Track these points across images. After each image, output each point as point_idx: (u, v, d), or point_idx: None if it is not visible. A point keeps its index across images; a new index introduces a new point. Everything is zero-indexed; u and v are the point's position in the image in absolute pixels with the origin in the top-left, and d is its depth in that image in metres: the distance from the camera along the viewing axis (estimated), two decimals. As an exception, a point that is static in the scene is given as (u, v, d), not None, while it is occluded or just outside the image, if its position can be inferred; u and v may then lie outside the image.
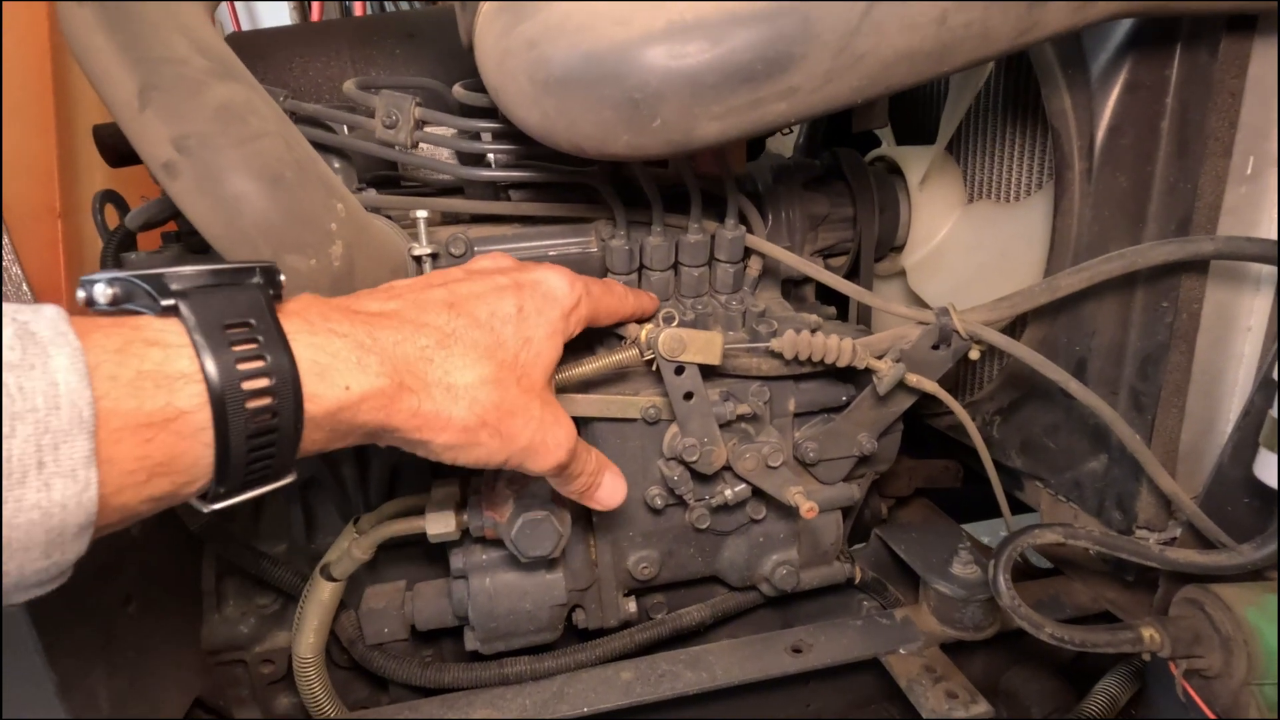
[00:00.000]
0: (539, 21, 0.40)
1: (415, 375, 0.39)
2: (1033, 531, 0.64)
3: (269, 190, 0.45)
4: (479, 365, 0.42)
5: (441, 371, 0.40)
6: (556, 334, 0.47)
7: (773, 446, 0.61)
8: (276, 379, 0.33)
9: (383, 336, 0.38)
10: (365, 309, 0.40)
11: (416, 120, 0.56)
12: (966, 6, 0.38)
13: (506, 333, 0.44)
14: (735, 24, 0.37)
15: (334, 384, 0.35)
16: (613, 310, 0.55)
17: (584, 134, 0.41)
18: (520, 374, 0.44)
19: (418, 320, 0.41)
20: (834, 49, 0.38)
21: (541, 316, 0.46)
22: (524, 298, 0.46)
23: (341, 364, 0.36)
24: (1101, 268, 0.56)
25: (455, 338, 0.42)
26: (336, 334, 0.37)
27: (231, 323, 0.32)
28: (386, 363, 0.38)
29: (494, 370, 0.42)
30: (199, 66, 0.44)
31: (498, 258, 0.52)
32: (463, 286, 0.45)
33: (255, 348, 0.32)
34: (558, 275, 0.49)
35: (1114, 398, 0.64)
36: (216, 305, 0.32)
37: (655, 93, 0.38)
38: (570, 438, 0.47)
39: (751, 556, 0.70)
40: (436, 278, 0.46)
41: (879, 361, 0.60)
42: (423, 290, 0.44)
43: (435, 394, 0.40)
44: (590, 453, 0.52)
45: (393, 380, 0.37)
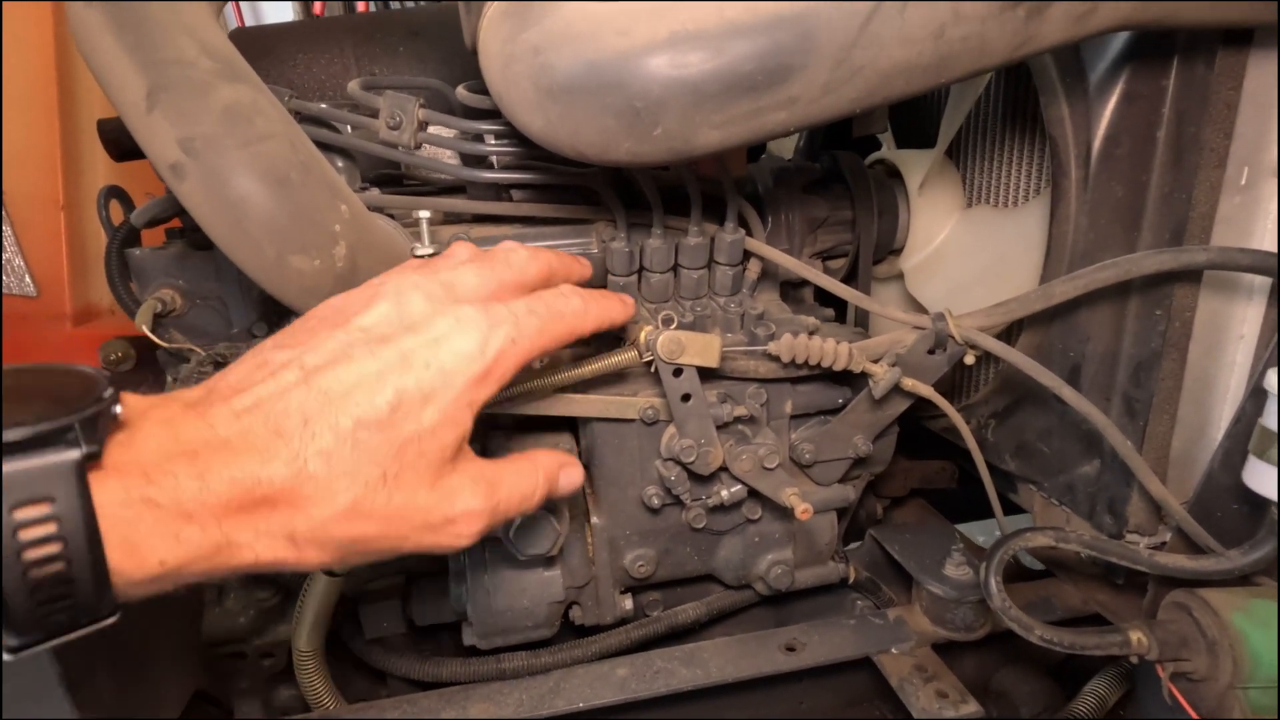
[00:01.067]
0: (543, 28, 0.40)
1: (248, 528, 0.35)
2: (1024, 535, 0.64)
3: (274, 192, 0.45)
4: (333, 499, 0.37)
5: (285, 516, 0.36)
6: (455, 414, 0.40)
7: (769, 448, 0.61)
8: (73, 566, 0.30)
9: (219, 477, 0.34)
10: (214, 430, 0.36)
11: (420, 121, 0.57)
12: (964, 19, 0.38)
13: (375, 443, 0.37)
14: (736, 35, 0.38)
15: (145, 560, 0.33)
16: (564, 337, 0.46)
17: (586, 140, 0.42)
18: (396, 488, 0.38)
19: (266, 445, 0.36)
20: (833, 61, 0.38)
21: (430, 405, 0.39)
22: (406, 382, 0.38)
23: (156, 540, 0.33)
24: (1096, 276, 0.57)
25: (305, 474, 0.36)
26: (154, 502, 0.33)
27: (24, 501, 0.30)
28: (212, 528, 0.34)
29: (352, 499, 0.37)
30: (206, 68, 0.45)
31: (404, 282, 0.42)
32: (332, 377, 0.38)
33: (50, 531, 0.30)
34: (464, 334, 0.40)
35: (1107, 404, 0.65)
36: (11, 483, 0.29)
37: (657, 101, 0.39)
38: (471, 525, 0.42)
39: (747, 556, 0.71)
40: (311, 354, 0.39)
41: (875, 365, 0.61)
42: (285, 391, 0.37)
43: (275, 544, 0.36)
44: (530, 474, 0.46)
45: (218, 543, 0.34)
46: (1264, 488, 0.52)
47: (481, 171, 0.59)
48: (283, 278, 0.48)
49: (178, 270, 0.67)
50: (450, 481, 0.41)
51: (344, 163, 0.62)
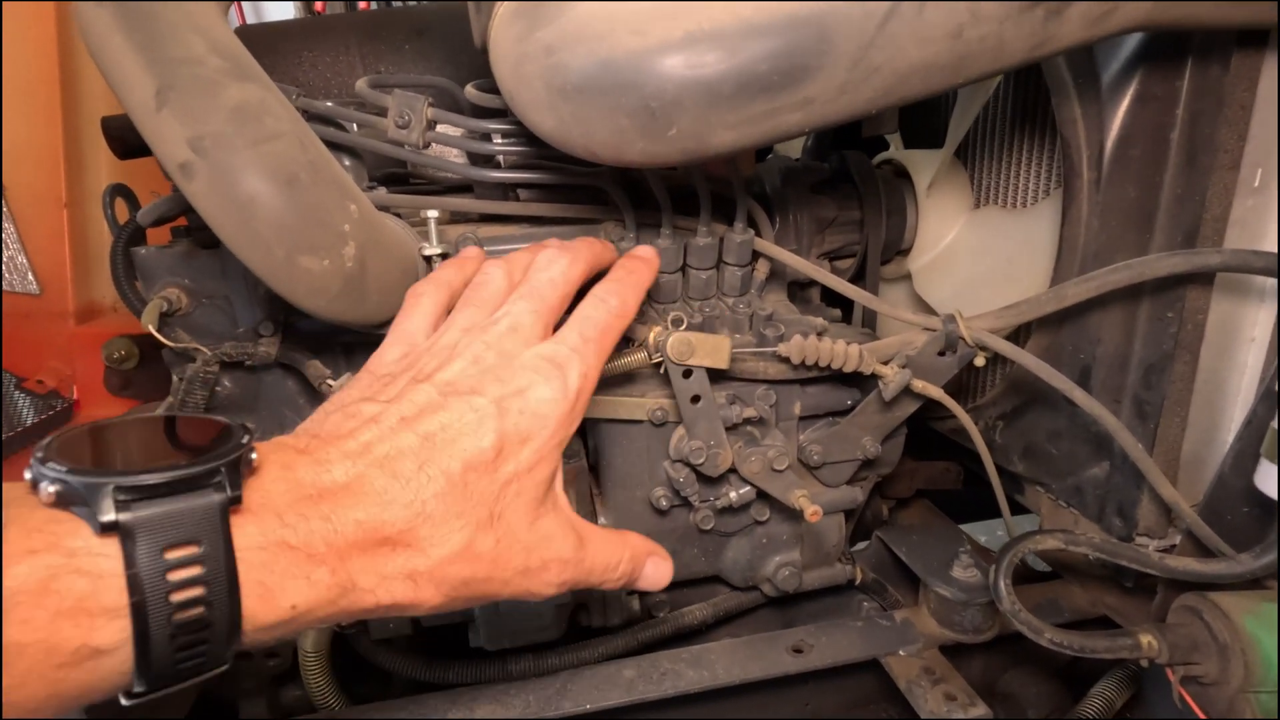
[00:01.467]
0: (557, 28, 0.40)
1: (371, 571, 0.37)
2: (1034, 537, 0.64)
3: (284, 191, 0.45)
4: (448, 539, 0.38)
5: (405, 558, 0.37)
6: (546, 460, 0.42)
7: (778, 450, 0.61)
8: (213, 608, 0.31)
9: (344, 519, 0.35)
10: (332, 478, 0.36)
11: (428, 120, 0.57)
12: (982, 19, 0.38)
13: (482, 486, 0.39)
14: (752, 35, 0.37)
15: (278, 605, 0.33)
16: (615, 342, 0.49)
17: (600, 141, 0.41)
18: (500, 529, 0.40)
19: (385, 495, 0.37)
20: (849, 62, 0.38)
21: (528, 446, 0.41)
22: (506, 427, 0.41)
23: (290, 582, 0.34)
24: (1109, 278, 0.56)
25: (422, 515, 0.37)
26: (288, 545, 0.34)
27: (175, 542, 0.30)
28: (341, 567, 0.35)
29: (465, 540, 0.39)
30: (215, 67, 0.44)
31: (475, 341, 0.44)
32: (435, 422, 0.40)
33: (198, 573, 0.30)
34: (548, 381, 0.42)
35: (1117, 406, 0.64)
36: (163, 524, 0.30)
37: (672, 101, 0.38)
38: (561, 575, 0.44)
39: (754, 557, 0.70)
40: (408, 404, 0.40)
41: (885, 367, 0.60)
42: (394, 433, 0.39)
43: (396, 586, 0.37)
44: (619, 551, 0.47)
45: (344, 585, 0.35)
46: (1275, 491, 0.52)
47: (489, 171, 0.58)
48: (291, 278, 0.47)
49: (183, 269, 0.66)
50: (544, 524, 0.43)
51: (351, 161, 0.62)
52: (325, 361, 0.65)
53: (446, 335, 0.45)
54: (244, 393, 0.71)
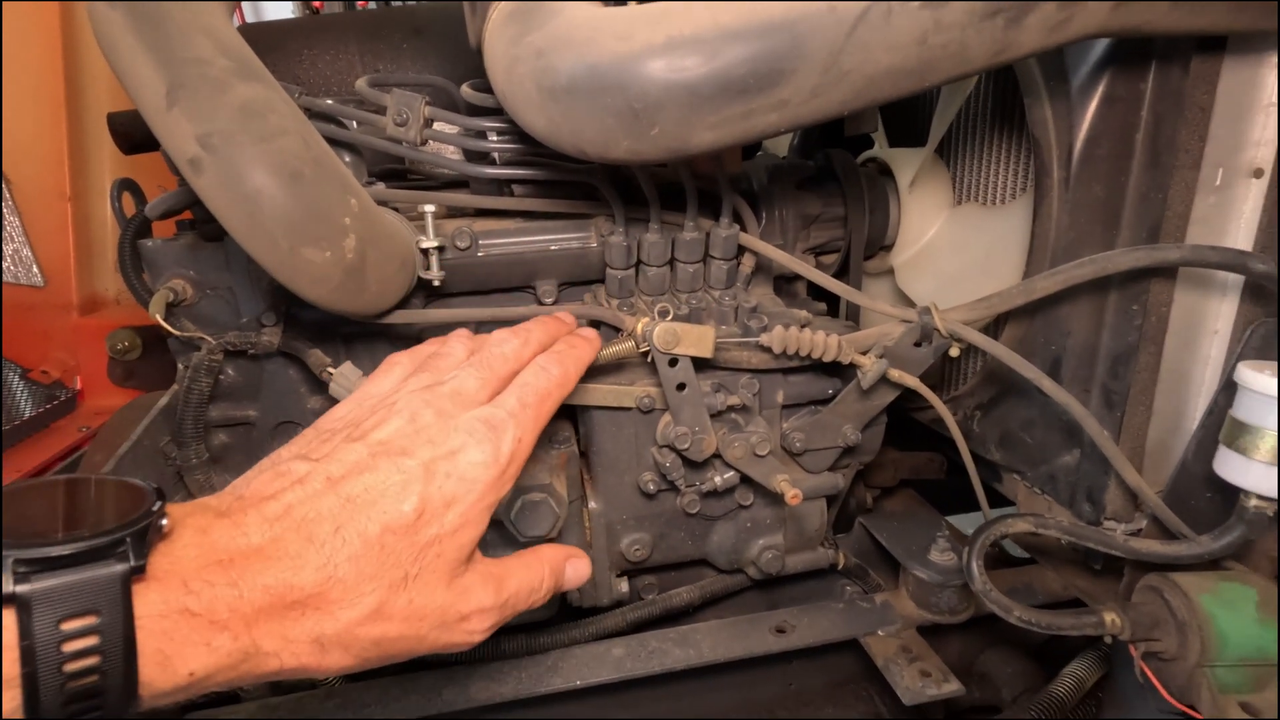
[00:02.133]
0: (547, 32, 0.43)
1: (276, 635, 0.37)
2: (1006, 521, 0.67)
3: (288, 186, 0.47)
4: (360, 601, 0.38)
5: (314, 621, 0.38)
6: (470, 524, 0.42)
7: (760, 436, 0.64)
8: (107, 678, 0.31)
9: (253, 584, 0.36)
10: (247, 539, 0.37)
11: (425, 118, 0.59)
12: (945, 27, 0.41)
13: (400, 547, 0.40)
14: (730, 40, 0.40)
15: (176, 672, 0.34)
16: (555, 408, 0.49)
17: (587, 139, 0.44)
18: (415, 588, 0.40)
19: (298, 552, 0.37)
20: (821, 66, 0.40)
21: (452, 510, 0.41)
22: (431, 489, 0.41)
23: (190, 649, 0.34)
24: (1074, 272, 0.59)
25: (334, 579, 0.38)
26: (190, 611, 0.34)
27: (72, 613, 0.31)
28: (243, 635, 0.36)
29: (378, 601, 0.39)
30: (222, 67, 0.47)
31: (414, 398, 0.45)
32: (359, 484, 0.40)
33: (93, 643, 0.31)
34: (479, 445, 0.43)
35: (1086, 395, 0.67)
36: (62, 596, 0.31)
37: (654, 103, 0.41)
38: (483, 622, 0.44)
39: (739, 541, 0.73)
40: (336, 464, 0.41)
41: (863, 357, 0.63)
42: (316, 496, 0.39)
43: (301, 650, 0.38)
44: (537, 572, 0.48)
45: (246, 651, 0.36)
46: (1233, 476, 0.55)
47: (484, 167, 0.61)
48: (295, 269, 0.50)
49: (189, 261, 0.68)
50: (464, 580, 0.43)
51: (351, 157, 0.64)
52: (326, 351, 0.68)
53: (395, 395, 0.46)
54: (247, 381, 0.73)
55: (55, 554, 0.31)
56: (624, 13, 0.42)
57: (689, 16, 0.40)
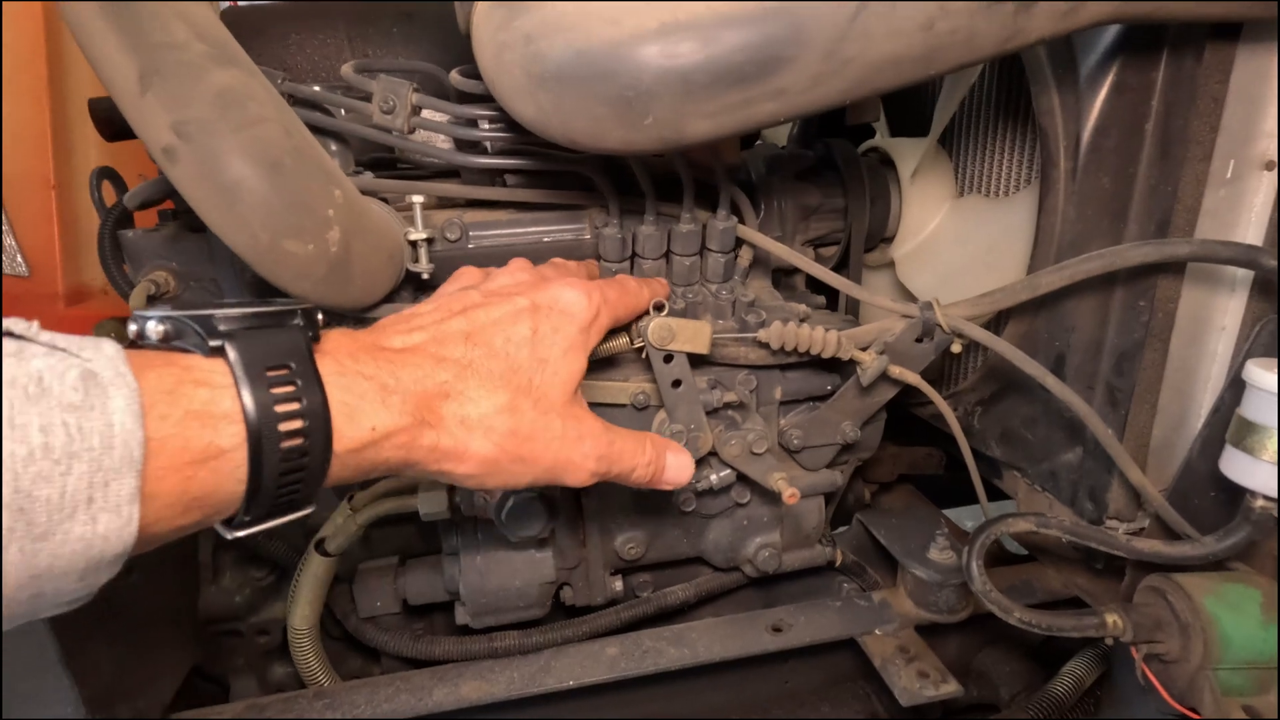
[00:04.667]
0: (535, 17, 0.41)
1: (434, 411, 0.41)
2: (1006, 520, 0.66)
3: (267, 176, 0.46)
4: (494, 395, 0.44)
5: (458, 405, 0.42)
6: (575, 349, 0.48)
7: (757, 434, 0.62)
8: (310, 420, 0.35)
9: (405, 375, 0.41)
10: (390, 345, 0.43)
11: (413, 106, 0.57)
12: (952, 13, 0.39)
13: (521, 357, 0.45)
14: (726, 26, 0.38)
15: (360, 424, 0.38)
16: (631, 309, 0.56)
17: (577, 128, 0.42)
18: (537, 396, 0.46)
19: (437, 355, 0.43)
20: (822, 53, 0.39)
21: (558, 335, 0.47)
22: (539, 319, 0.47)
23: (368, 405, 0.38)
24: (1081, 267, 0.57)
25: (472, 369, 0.43)
26: (364, 375, 0.39)
27: (272, 365, 0.34)
28: (409, 401, 0.40)
29: (509, 398, 0.44)
30: (198, 52, 0.45)
31: (516, 270, 0.54)
32: (480, 313, 0.46)
33: (293, 390, 0.34)
34: (574, 291, 0.50)
35: (1090, 392, 0.66)
36: (259, 348, 0.34)
37: (647, 91, 0.39)
38: (596, 449, 0.48)
39: (735, 539, 0.72)
40: (456, 303, 0.48)
41: (863, 353, 0.62)
42: (443, 320, 0.45)
43: (452, 428, 0.42)
44: (641, 444, 0.52)
45: (414, 418, 0.40)
46: (1239, 475, 0.54)
47: (475, 157, 0.59)
48: (276, 262, 0.48)
49: (171, 252, 0.67)
50: (576, 409, 0.48)
51: (337, 146, 0.62)
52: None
53: (488, 272, 0.53)
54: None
55: (246, 312, 0.35)
56: (617, -3, 0.40)
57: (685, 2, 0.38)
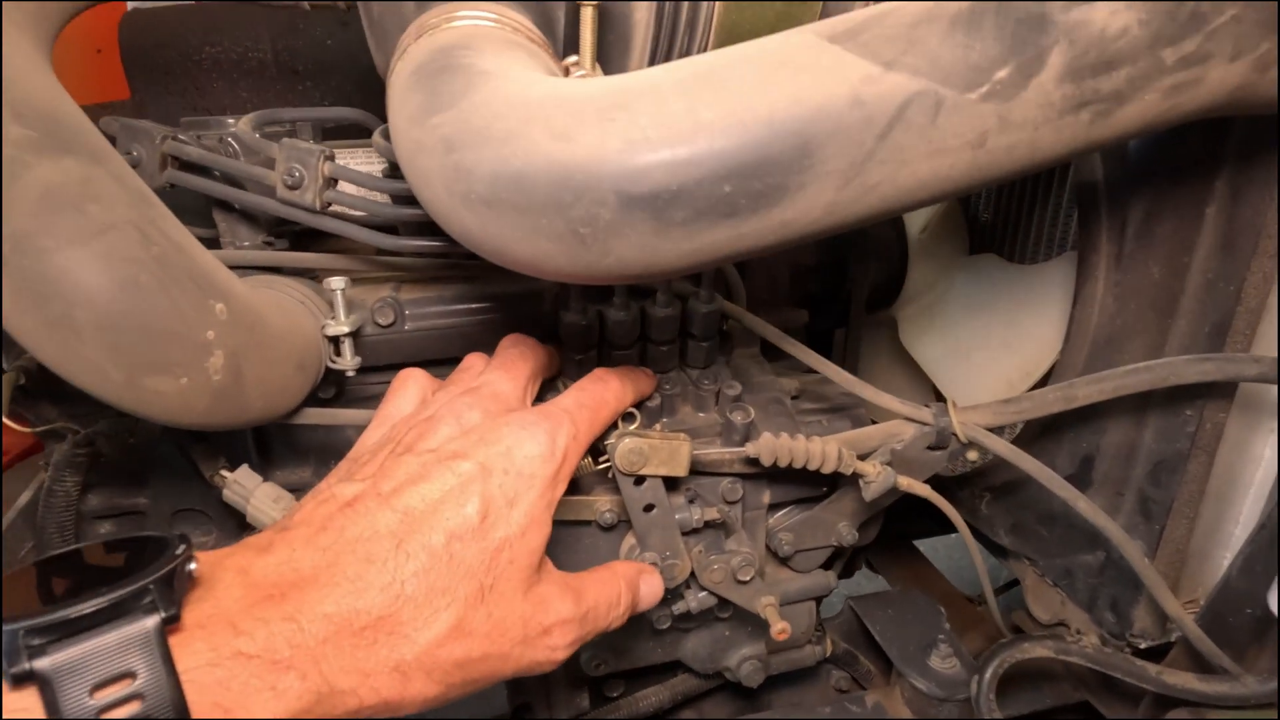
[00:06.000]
0: (457, 116, 0.30)
1: (351, 669, 0.33)
2: (1021, 646, 0.59)
3: (116, 300, 0.35)
4: (435, 620, 0.35)
5: (388, 648, 0.34)
6: (536, 523, 0.39)
7: (743, 559, 0.54)
8: None
9: (310, 622, 0.32)
10: (295, 575, 0.33)
11: (325, 178, 0.46)
12: (1012, 128, 0.29)
13: (469, 556, 0.36)
14: (713, 146, 0.28)
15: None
16: (608, 421, 0.47)
17: (515, 257, 0.32)
18: (491, 601, 0.37)
19: (358, 581, 0.34)
20: (840, 180, 0.29)
21: (514, 509, 0.38)
22: (490, 490, 0.38)
23: (252, 699, 0.30)
24: (1126, 380, 0.49)
25: (402, 597, 0.34)
26: (245, 655, 0.30)
27: (104, 680, 0.27)
28: (311, 673, 0.31)
29: (455, 618, 0.35)
30: (15, 139, 0.34)
31: (459, 401, 0.43)
32: (415, 495, 0.37)
33: (135, 711, 0.27)
34: (534, 440, 0.40)
35: (1119, 499, 0.58)
36: (87, 662, 0.27)
37: (607, 227, 0.29)
38: (566, 636, 0.41)
39: (715, 650, 0.64)
40: (385, 478, 0.38)
41: (868, 465, 0.53)
42: (367, 516, 0.36)
43: (383, 681, 0.33)
44: (613, 588, 0.45)
45: (321, 690, 0.31)
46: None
47: (407, 238, 0.49)
48: (139, 400, 0.38)
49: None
50: (540, 590, 0.40)
51: (238, 217, 0.51)
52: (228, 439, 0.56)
53: (428, 409, 0.44)
54: (131, 464, 0.61)
55: (70, 616, 0.27)
56: (566, 94, 0.30)
57: (658, 108, 0.28)
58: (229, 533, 0.64)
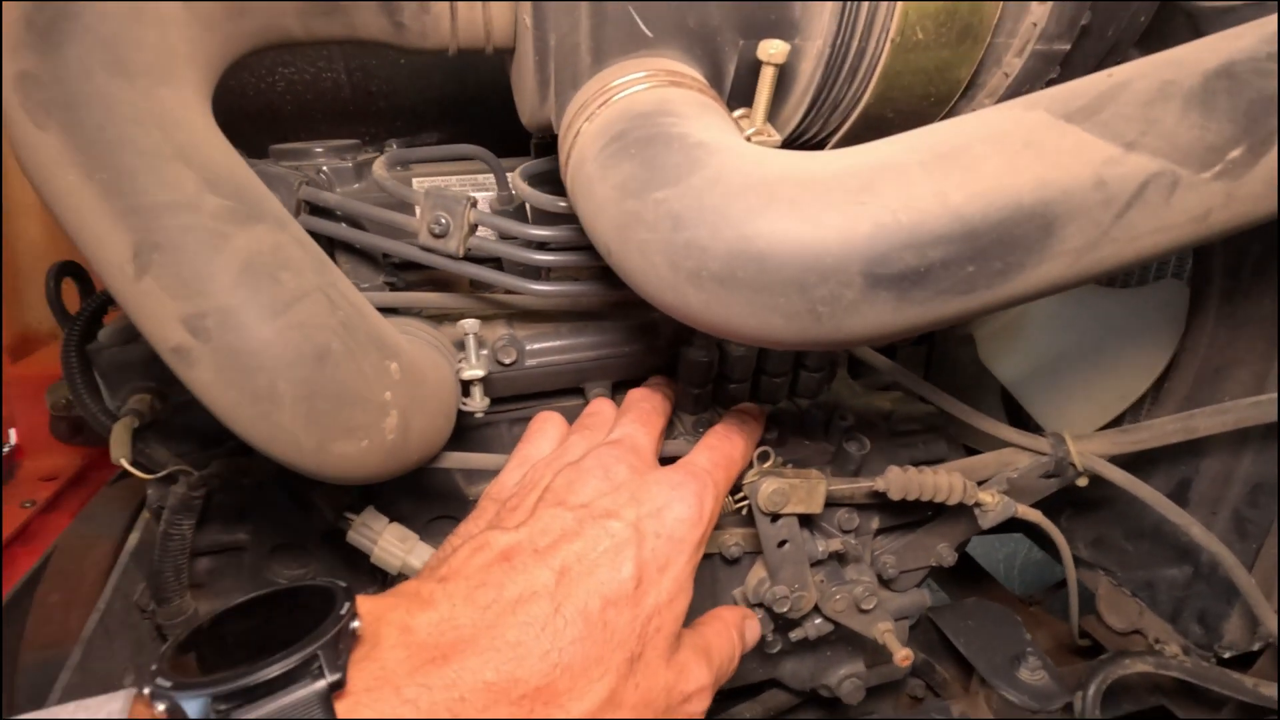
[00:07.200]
0: (687, 192, 0.30)
1: None
2: (1123, 662, 0.61)
3: (313, 371, 0.35)
4: (587, 694, 0.34)
5: (543, 716, 0.33)
6: (683, 590, 0.39)
7: (865, 588, 0.55)
8: None
9: (473, 696, 0.31)
10: (457, 636, 0.33)
11: (470, 225, 0.46)
12: (1237, 202, 0.30)
13: (622, 623, 0.36)
14: (963, 232, 0.28)
15: None
16: (736, 478, 0.47)
17: (736, 330, 0.32)
18: (642, 671, 0.37)
19: (518, 648, 0.33)
20: (1071, 258, 0.30)
21: (665, 575, 0.38)
22: (644, 554, 0.38)
23: None
24: (1248, 413, 0.50)
25: (560, 666, 0.34)
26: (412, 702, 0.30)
27: None
28: None
29: (605, 691, 0.35)
30: (212, 210, 0.33)
31: (605, 456, 0.42)
32: (571, 550, 0.37)
33: None
34: (684, 503, 0.40)
35: (1212, 518, 0.60)
36: None
37: (848, 307, 0.29)
38: (703, 702, 0.40)
39: (817, 670, 0.65)
40: (541, 532, 0.38)
41: (986, 495, 0.54)
42: (524, 572, 0.36)
43: None
44: (730, 641, 0.45)
45: None
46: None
47: (547, 285, 0.48)
48: (323, 464, 0.38)
49: (153, 371, 0.55)
50: (680, 657, 0.40)
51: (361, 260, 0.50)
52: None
53: (569, 454, 0.44)
54: (234, 501, 0.61)
55: (248, 684, 0.27)
56: (807, 172, 0.30)
57: (906, 190, 0.28)
58: (327, 565, 0.64)
